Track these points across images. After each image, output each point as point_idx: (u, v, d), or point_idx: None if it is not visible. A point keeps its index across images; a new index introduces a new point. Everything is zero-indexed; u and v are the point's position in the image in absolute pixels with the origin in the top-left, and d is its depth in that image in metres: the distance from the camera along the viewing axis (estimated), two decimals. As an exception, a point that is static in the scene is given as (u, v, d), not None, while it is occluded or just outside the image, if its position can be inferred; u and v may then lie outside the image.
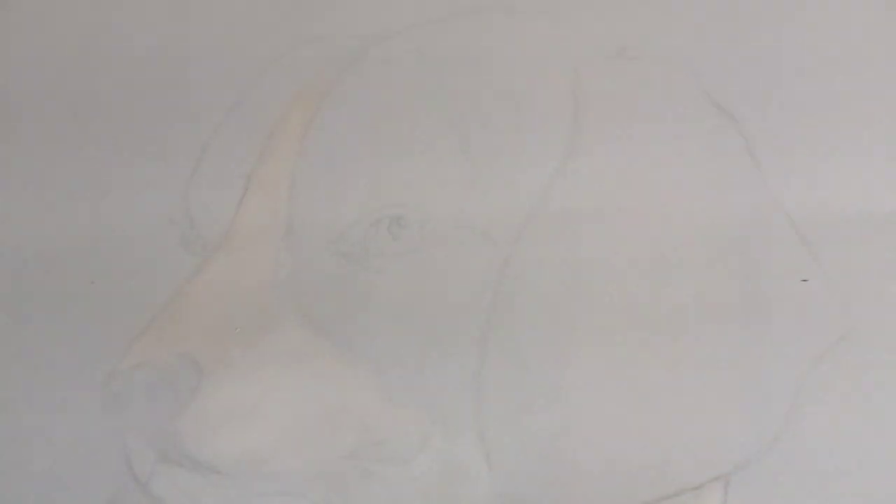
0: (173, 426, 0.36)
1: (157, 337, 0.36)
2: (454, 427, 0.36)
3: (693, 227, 0.37)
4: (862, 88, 0.38)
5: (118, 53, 0.39)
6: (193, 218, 0.38)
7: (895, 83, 0.38)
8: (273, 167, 0.37)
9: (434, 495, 0.35)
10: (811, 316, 0.36)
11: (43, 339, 0.37)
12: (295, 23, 0.39)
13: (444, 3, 0.40)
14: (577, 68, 0.38)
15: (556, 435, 0.36)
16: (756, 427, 0.36)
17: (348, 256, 0.37)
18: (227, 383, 0.36)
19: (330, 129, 0.38)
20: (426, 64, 0.38)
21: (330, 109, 0.38)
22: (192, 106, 0.38)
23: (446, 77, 0.38)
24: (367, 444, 0.36)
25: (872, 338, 0.36)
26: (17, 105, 0.39)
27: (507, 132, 0.38)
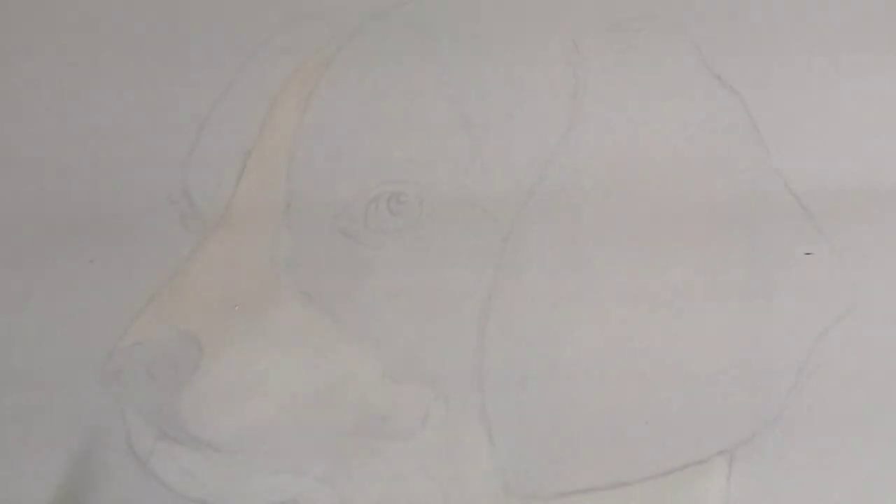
0: (173, 403, 0.36)
1: (157, 315, 0.36)
2: (455, 403, 0.36)
3: (695, 200, 0.37)
4: (865, 62, 0.38)
5: (116, 32, 0.39)
6: (192, 196, 0.38)
7: (897, 56, 0.38)
8: (272, 144, 0.37)
9: (436, 470, 0.35)
10: (815, 289, 0.36)
11: (43, 317, 0.37)
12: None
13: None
14: (576, 41, 0.38)
15: (558, 410, 0.36)
16: (760, 402, 0.36)
17: (348, 233, 0.37)
18: (227, 360, 0.36)
19: (329, 106, 0.38)
20: (424, 39, 0.38)
21: (329, 86, 0.38)
22: (190, 83, 0.38)
23: (445, 52, 0.38)
24: (369, 420, 0.36)
25: (877, 311, 0.36)
26: (16, 93, 0.39)
27: (507, 107, 0.38)
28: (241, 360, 0.36)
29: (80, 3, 0.40)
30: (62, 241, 0.38)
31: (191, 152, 0.38)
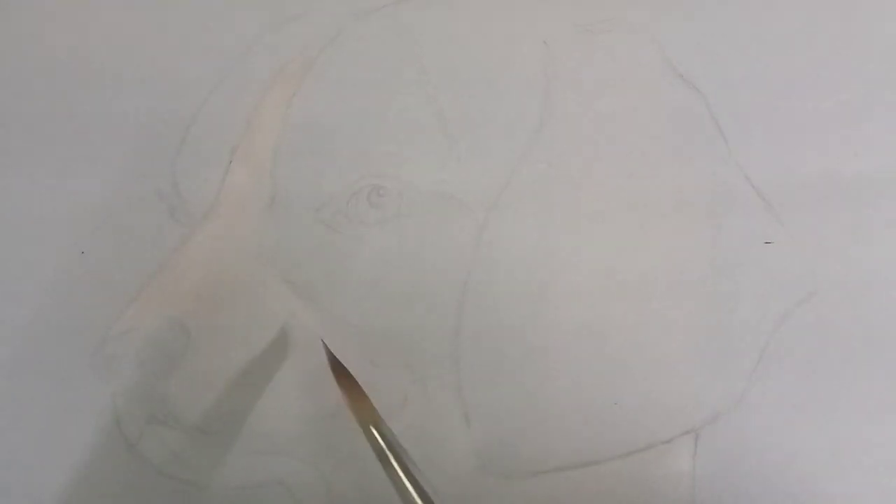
0: (162, 388, 0.37)
1: (147, 303, 0.38)
2: (433, 386, 0.37)
3: (661, 193, 0.38)
4: (821, 58, 0.40)
5: (106, 30, 0.41)
6: (181, 190, 0.39)
7: (851, 53, 0.40)
8: (257, 140, 0.39)
9: (414, 451, 0.36)
10: (775, 277, 0.38)
11: (35, 307, 0.38)
12: (277, 1, 0.41)
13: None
14: (546, 42, 0.40)
15: (531, 392, 0.37)
16: (724, 384, 0.37)
17: (330, 224, 0.38)
18: (214, 346, 0.37)
19: (312, 104, 0.39)
20: (403, 40, 0.40)
21: (312, 84, 0.39)
22: (179, 81, 0.40)
23: (422, 53, 0.40)
24: (350, 403, 0.37)
25: (834, 297, 0.37)
26: (8, 89, 0.41)
27: (481, 104, 0.39)
28: (227, 346, 0.37)
29: (71, 1, 0.41)
30: (55, 233, 0.39)
31: (180, 148, 0.39)
